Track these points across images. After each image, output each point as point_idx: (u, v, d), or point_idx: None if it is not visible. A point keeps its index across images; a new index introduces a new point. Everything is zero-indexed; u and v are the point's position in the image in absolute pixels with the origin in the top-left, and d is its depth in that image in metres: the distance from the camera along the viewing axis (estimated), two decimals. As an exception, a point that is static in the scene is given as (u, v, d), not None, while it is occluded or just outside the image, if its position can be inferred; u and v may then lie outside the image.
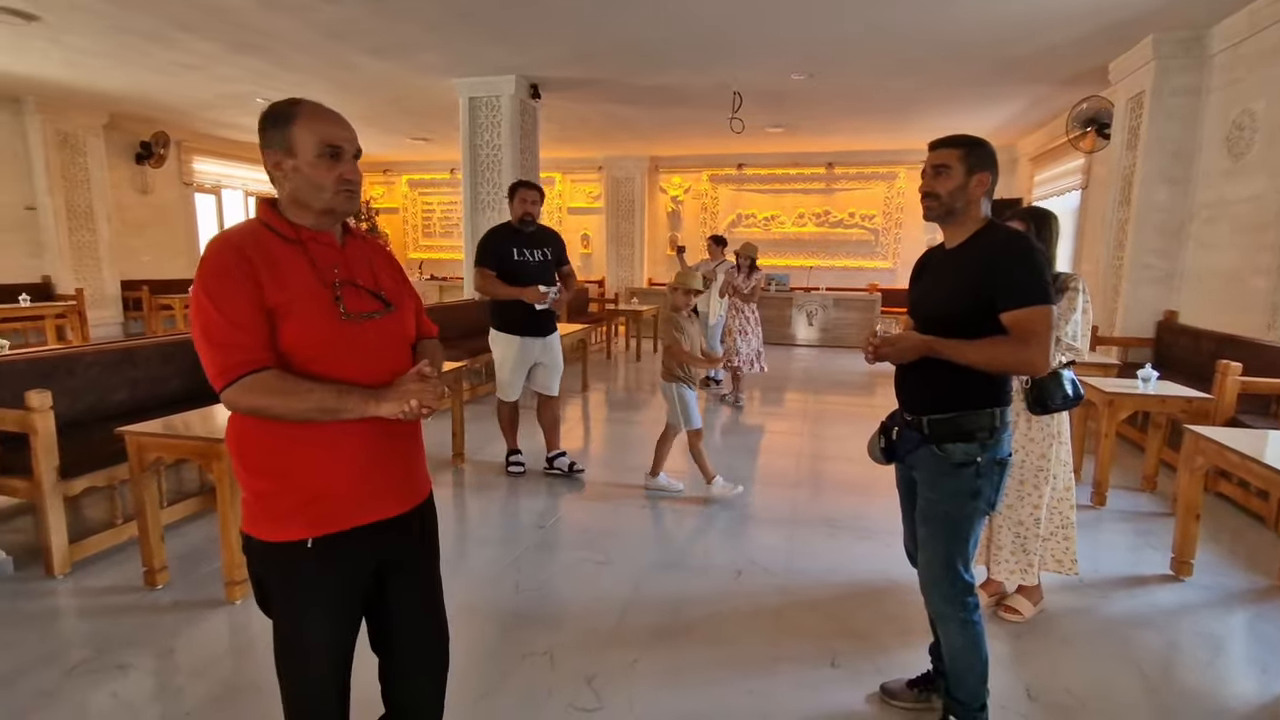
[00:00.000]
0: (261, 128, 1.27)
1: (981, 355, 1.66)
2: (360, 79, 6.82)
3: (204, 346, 1.19)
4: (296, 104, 1.27)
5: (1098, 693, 2.13)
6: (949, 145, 1.77)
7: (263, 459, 1.26)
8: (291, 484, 1.26)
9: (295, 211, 1.30)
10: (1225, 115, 4.74)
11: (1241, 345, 4.17)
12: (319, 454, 1.26)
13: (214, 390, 1.20)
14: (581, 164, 12.04)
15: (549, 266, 3.86)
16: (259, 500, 1.28)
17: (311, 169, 1.25)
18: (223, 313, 1.17)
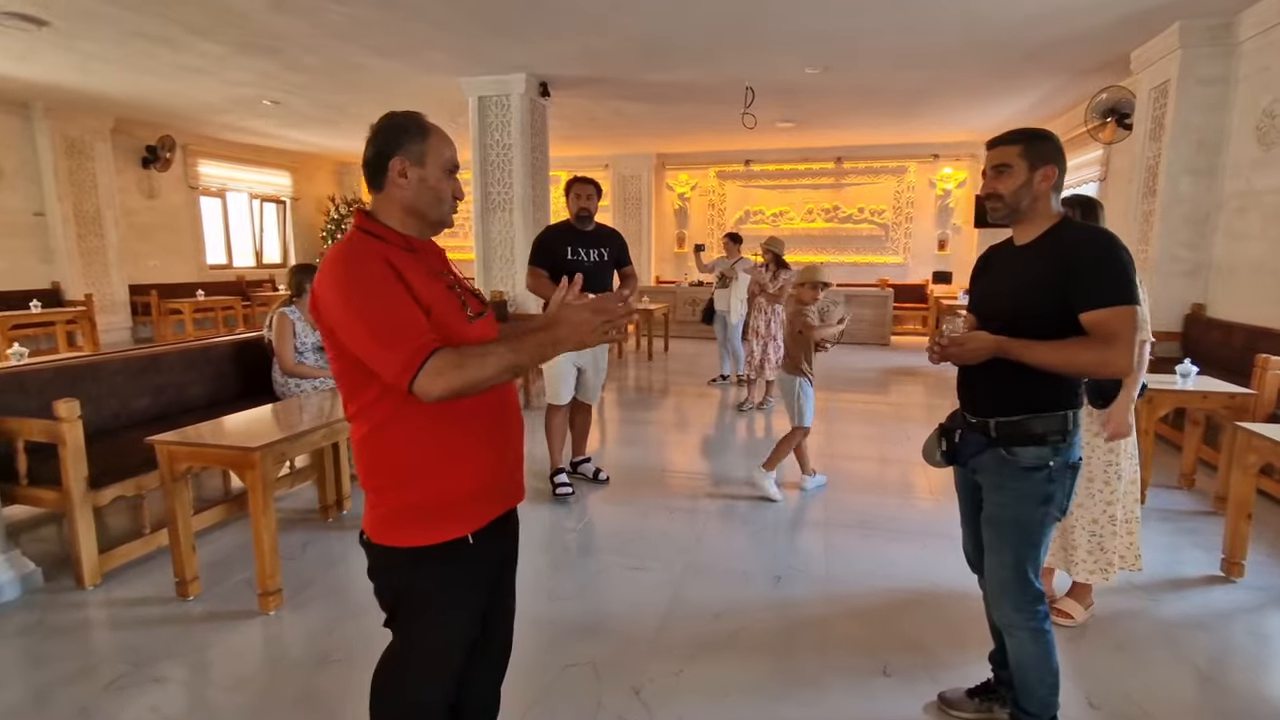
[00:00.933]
0: (391, 135, 1.30)
1: (1059, 357, 1.58)
2: (367, 79, 6.77)
3: (378, 349, 1.18)
4: (424, 118, 1.34)
5: (1159, 698, 2.07)
6: (1008, 142, 1.70)
7: (422, 465, 1.29)
8: (452, 484, 1.31)
9: (405, 221, 1.33)
10: (1255, 104, 4.66)
11: (1276, 338, 4.10)
12: (473, 449, 1.32)
13: (400, 385, 1.18)
14: (588, 162, 11.96)
15: (606, 267, 3.70)
16: (413, 509, 1.29)
17: (438, 182, 1.33)
18: (390, 311, 1.19)
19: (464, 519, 1.33)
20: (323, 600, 2.65)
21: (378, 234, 1.29)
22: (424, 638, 1.36)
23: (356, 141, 10.50)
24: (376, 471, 1.30)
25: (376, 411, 1.27)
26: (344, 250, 1.25)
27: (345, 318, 1.20)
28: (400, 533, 1.30)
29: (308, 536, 3.21)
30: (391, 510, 1.30)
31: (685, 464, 4.44)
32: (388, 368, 1.18)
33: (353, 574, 2.88)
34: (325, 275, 1.23)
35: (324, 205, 12.54)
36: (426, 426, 1.27)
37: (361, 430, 1.30)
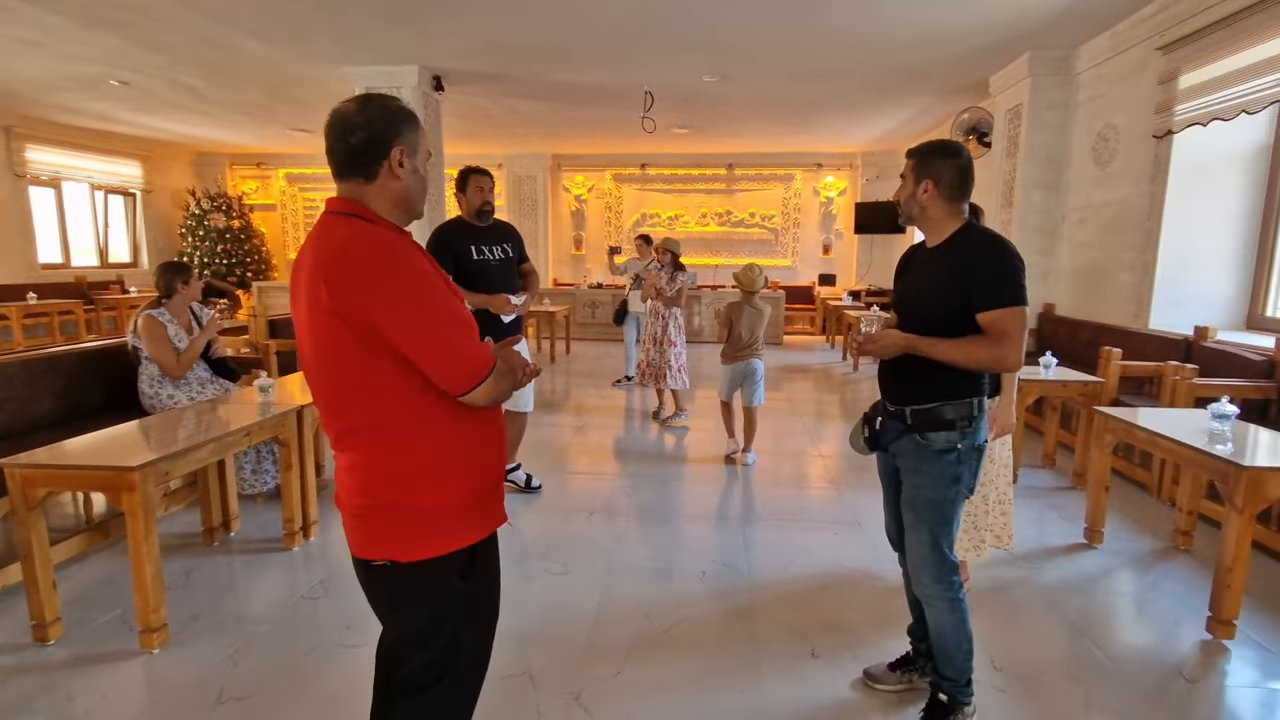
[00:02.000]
0: (393, 120, 1.22)
1: (958, 353, 1.74)
2: (238, 63, 6.21)
3: (446, 350, 1.16)
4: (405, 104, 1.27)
5: (1046, 655, 2.30)
6: (909, 155, 1.90)
7: (464, 461, 1.25)
8: (484, 472, 1.29)
9: (394, 213, 1.26)
10: (1091, 127, 5.32)
11: (1114, 333, 4.69)
12: (492, 436, 1.32)
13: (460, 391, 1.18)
14: (482, 161, 11.33)
15: (511, 265, 3.42)
16: (455, 508, 1.25)
17: (425, 172, 1.28)
18: (452, 309, 1.18)
19: (498, 505, 1.35)
20: (215, 633, 2.38)
21: (383, 225, 1.21)
22: (473, 640, 1.33)
23: (219, 129, 9.61)
24: (409, 480, 1.21)
25: (419, 409, 1.19)
26: (378, 241, 1.15)
27: (408, 315, 1.12)
28: (455, 535, 1.25)
29: (191, 564, 2.88)
30: (435, 514, 1.22)
31: (597, 466, 4.41)
32: (457, 370, 1.16)
33: (246, 601, 2.61)
34: (363, 269, 1.11)
35: (181, 199, 11.35)
36: (461, 419, 1.24)
37: (395, 435, 1.19)
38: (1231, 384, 3.50)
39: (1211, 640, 2.37)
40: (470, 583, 1.29)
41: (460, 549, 1.25)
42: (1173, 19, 4.36)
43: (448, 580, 1.25)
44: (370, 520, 1.22)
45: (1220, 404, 2.67)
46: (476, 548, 1.28)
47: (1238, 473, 2.26)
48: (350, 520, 1.25)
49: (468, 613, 1.30)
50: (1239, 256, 4.47)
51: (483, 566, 1.31)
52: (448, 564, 1.24)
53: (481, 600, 1.33)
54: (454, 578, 1.26)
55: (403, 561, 1.22)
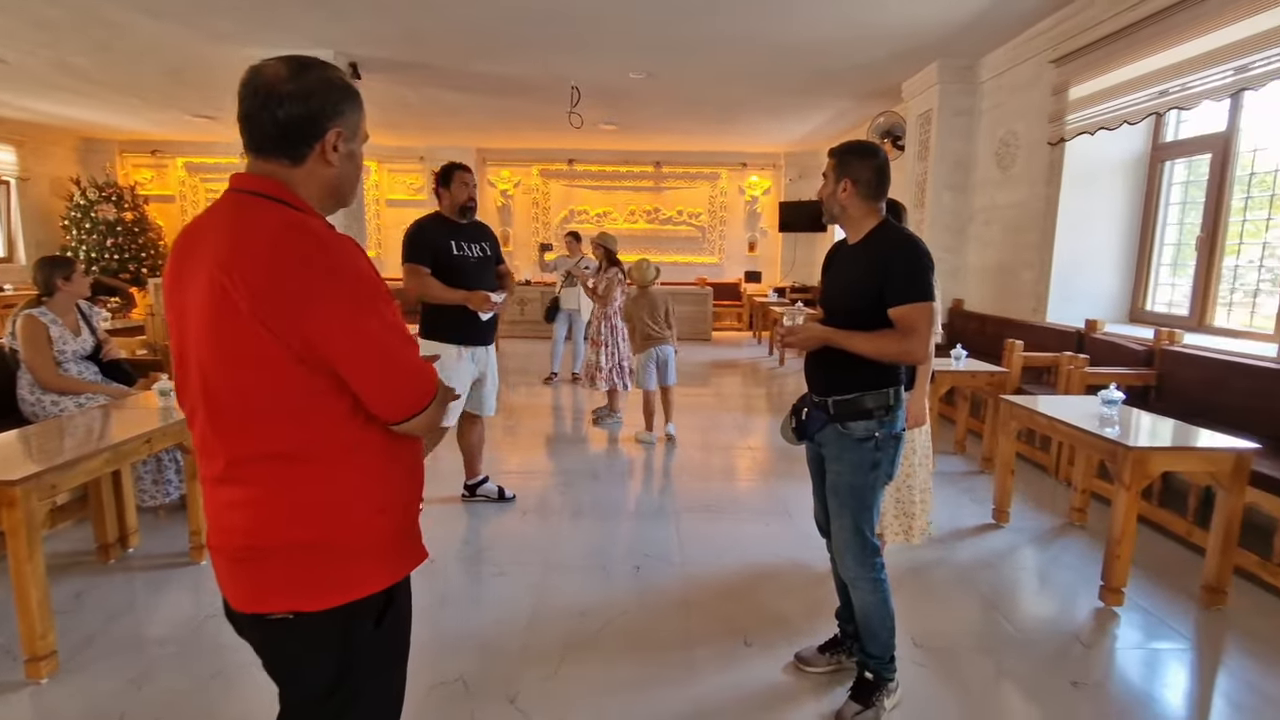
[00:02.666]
0: (333, 97, 1.05)
1: (870, 346, 1.83)
2: (130, 42, 5.72)
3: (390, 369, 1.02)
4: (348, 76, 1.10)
5: (966, 631, 2.44)
6: (830, 154, 1.97)
7: (385, 494, 1.10)
8: (408, 505, 1.15)
9: (320, 201, 1.08)
10: (994, 134, 5.66)
11: (1016, 327, 5.02)
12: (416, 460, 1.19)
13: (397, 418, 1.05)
14: (401, 153, 11.25)
15: (489, 264, 3.33)
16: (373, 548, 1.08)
17: (361, 158, 1.13)
18: (397, 321, 1.03)
19: (418, 546, 1.18)
20: (111, 658, 2.19)
21: (308, 213, 1.03)
22: (385, 690, 1.17)
23: (108, 113, 8.85)
24: (326, 516, 1.03)
25: (346, 434, 1.03)
26: (318, 237, 0.96)
27: (349, 331, 0.96)
28: (371, 575, 1.07)
29: (82, 584, 2.64)
30: (355, 552, 1.05)
31: (529, 465, 4.35)
32: (398, 396, 1.02)
33: (146, 622, 2.42)
34: (300, 272, 0.93)
35: (64, 188, 10.38)
36: (389, 446, 1.09)
37: (304, 470, 1.01)
38: (1117, 372, 3.81)
39: (1104, 607, 2.57)
40: (383, 628, 1.11)
41: (380, 590, 1.08)
42: (1063, 35, 4.70)
43: (361, 627, 1.08)
44: (266, 565, 1.02)
45: (1109, 391, 2.91)
46: (394, 588, 1.11)
47: (1124, 453, 2.46)
48: (232, 567, 1.04)
49: (379, 662, 1.13)
50: (1123, 255, 4.88)
51: (399, 609, 1.14)
52: (363, 609, 1.06)
53: (393, 644, 1.16)
54: (369, 623, 1.08)
55: (308, 611, 1.03)
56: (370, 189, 11.41)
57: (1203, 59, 3.58)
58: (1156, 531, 3.23)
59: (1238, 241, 4.06)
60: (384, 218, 11.71)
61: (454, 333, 3.20)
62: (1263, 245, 3.93)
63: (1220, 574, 2.53)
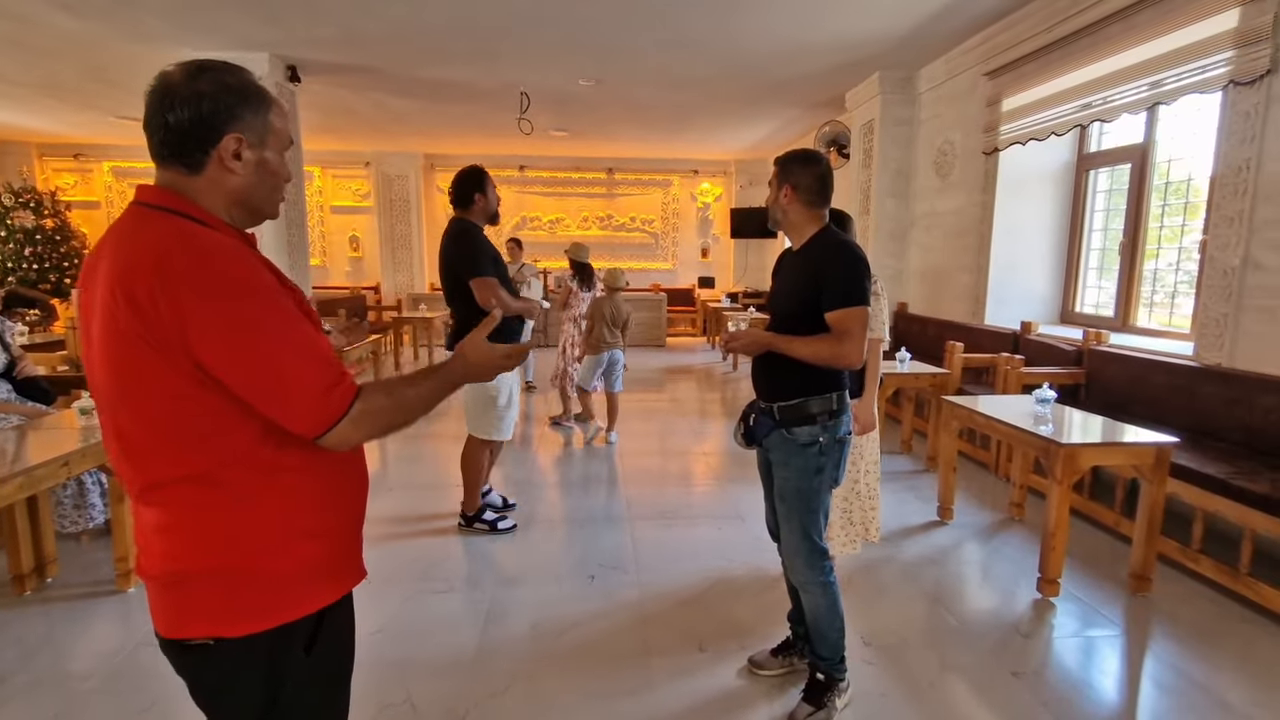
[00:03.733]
0: (228, 100, 0.98)
1: (808, 350, 1.87)
2: (44, 38, 5.41)
3: (298, 382, 0.94)
4: (259, 83, 1.04)
5: (914, 628, 2.50)
6: (775, 162, 2.02)
7: (308, 514, 1.04)
8: (341, 527, 1.09)
9: (231, 212, 1.03)
10: (932, 143, 5.87)
11: (956, 329, 5.20)
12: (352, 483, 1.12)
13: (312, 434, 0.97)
14: (345, 158, 10.98)
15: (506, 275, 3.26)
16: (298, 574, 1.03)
17: (278, 165, 1.06)
18: (304, 338, 0.96)
19: (358, 560, 1.14)
20: (31, 697, 2.05)
21: (212, 225, 0.97)
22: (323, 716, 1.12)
23: (23, 114, 8.38)
24: (244, 540, 0.98)
25: (262, 454, 0.97)
26: (203, 248, 0.91)
27: (236, 343, 0.90)
28: (297, 599, 1.02)
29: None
30: (279, 576, 1.01)
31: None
32: (301, 411, 0.94)
33: (68, 655, 2.27)
34: (184, 284, 0.88)
35: (-23, 193, 9.75)
36: (316, 463, 1.03)
37: (217, 495, 0.96)
38: (1050, 371, 3.98)
39: (1041, 598, 2.68)
40: (316, 652, 1.06)
41: (308, 615, 1.03)
42: (994, 49, 4.91)
43: (288, 653, 1.03)
44: (186, 590, 0.98)
45: (1042, 390, 3.03)
46: (326, 611, 1.06)
47: (1056, 449, 2.57)
48: (156, 591, 1.00)
49: (312, 687, 1.07)
50: (1054, 259, 5.11)
51: (333, 632, 1.08)
52: (290, 635, 1.02)
53: (327, 669, 1.10)
54: (297, 650, 1.03)
55: (228, 637, 0.98)
56: (313, 195, 11.08)
57: (1121, 74, 3.79)
58: (1088, 523, 3.38)
59: (1157, 246, 4.30)
60: (328, 224, 11.39)
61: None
62: (1179, 249, 4.17)
63: (1145, 562, 2.66)
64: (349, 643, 1.16)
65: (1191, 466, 2.79)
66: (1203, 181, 3.83)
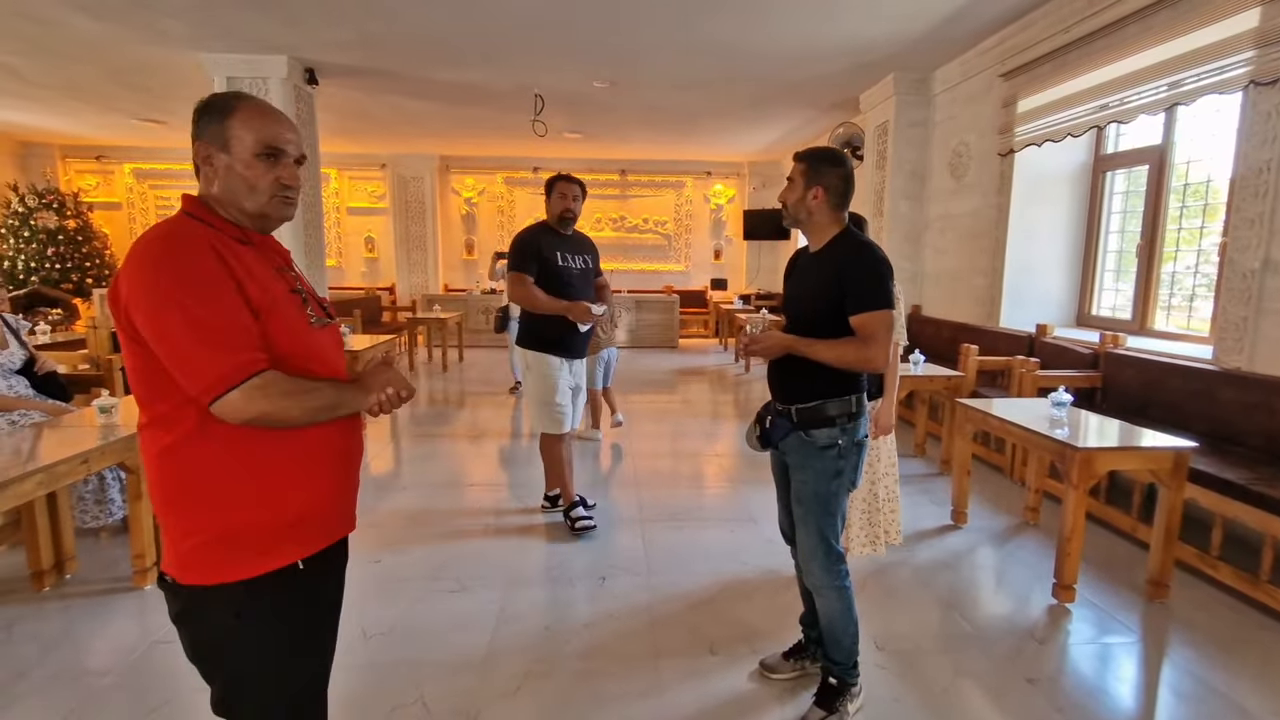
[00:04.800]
0: (195, 117, 1.18)
1: (832, 354, 1.85)
2: (66, 41, 5.50)
3: (194, 350, 1.05)
4: (238, 98, 1.19)
5: (927, 633, 2.48)
6: (798, 158, 1.97)
7: (239, 486, 1.13)
8: (276, 505, 1.16)
9: (228, 211, 1.20)
10: (948, 144, 5.83)
11: (971, 331, 5.16)
12: (301, 466, 1.19)
13: (204, 400, 1.07)
14: (362, 160, 11.08)
15: (590, 277, 3.32)
16: (234, 536, 1.14)
17: (246, 169, 1.16)
18: (216, 313, 1.06)
19: (293, 544, 1.19)
20: (48, 692, 2.08)
21: (205, 220, 1.16)
22: (275, 689, 1.21)
23: (47, 116, 8.52)
24: (185, 495, 1.12)
25: (186, 419, 1.10)
26: (162, 233, 1.10)
27: (152, 308, 1.05)
28: (221, 566, 1.13)
29: (12, 615, 2.50)
30: (207, 540, 1.12)
31: (491, 476, 4.29)
32: (198, 372, 1.05)
33: (85, 652, 2.30)
34: (135, 258, 1.07)
35: (1, 195, 9.94)
36: (251, 436, 1.12)
37: (162, 442, 1.12)
38: (1066, 375, 3.93)
39: (1057, 604, 2.64)
40: (250, 620, 1.16)
41: (231, 582, 1.13)
42: (1010, 50, 4.87)
43: (228, 610, 1.15)
44: (161, 529, 1.18)
45: (1058, 393, 3.00)
46: (256, 582, 1.15)
47: (1072, 453, 2.54)
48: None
49: (259, 652, 1.18)
50: (1070, 262, 5.05)
51: (271, 602, 1.17)
52: (220, 595, 1.14)
53: (275, 639, 1.19)
54: (229, 612, 1.15)
55: (179, 582, 1.14)
56: (330, 196, 11.19)
57: (1139, 75, 3.74)
58: (1104, 528, 3.34)
59: (1175, 248, 4.24)
60: (344, 225, 11.50)
61: (553, 344, 3.21)
62: (1198, 252, 4.12)
63: (1163, 568, 2.62)
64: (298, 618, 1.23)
65: (1210, 472, 2.75)
66: (1222, 183, 3.78)
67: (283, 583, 1.17)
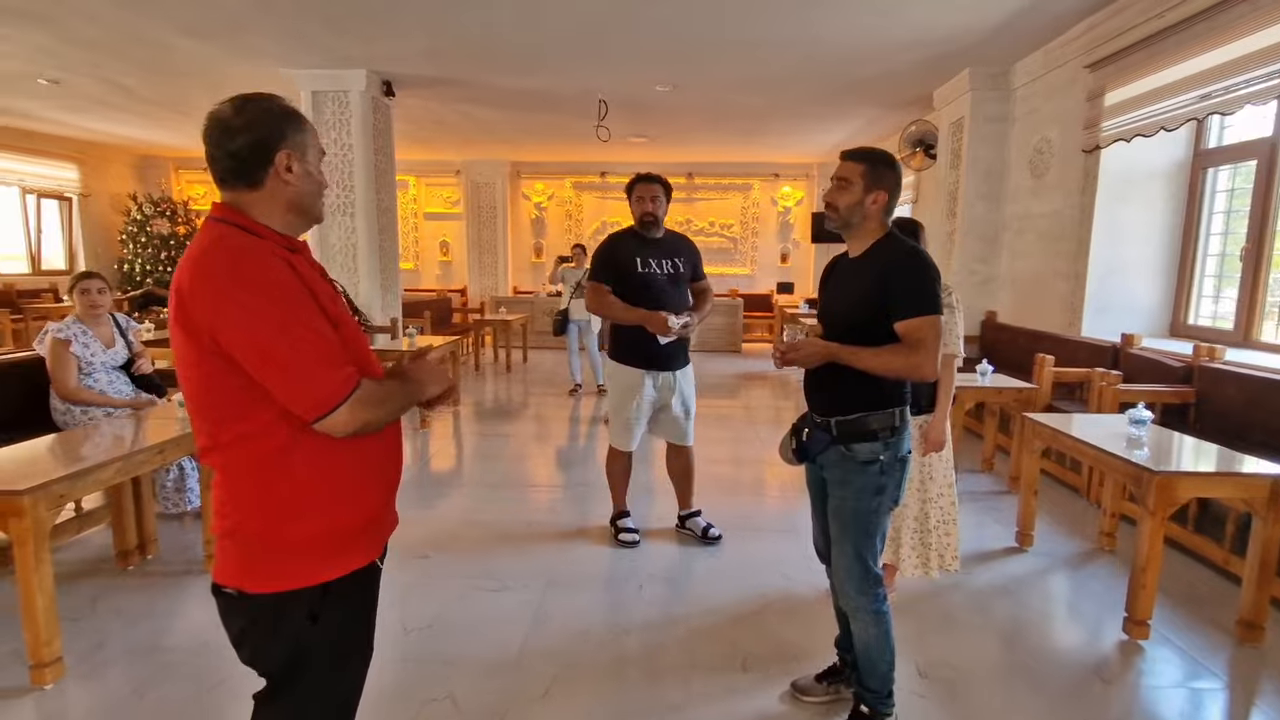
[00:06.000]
0: (274, 124, 1.16)
1: (878, 361, 1.75)
2: (171, 61, 5.98)
3: (300, 369, 1.06)
4: (291, 105, 1.21)
5: (977, 662, 2.33)
6: (854, 159, 1.86)
7: (326, 492, 1.16)
8: (354, 507, 1.20)
9: (287, 219, 1.20)
10: (1028, 141, 5.48)
11: (1049, 340, 4.82)
12: (372, 468, 1.23)
13: (310, 418, 1.08)
14: (438, 167, 11.51)
15: (681, 281, 3.11)
16: (315, 540, 1.16)
17: (318, 174, 1.22)
18: (310, 329, 1.08)
19: (368, 544, 1.24)
20: (122, 663, 2.26)
21: (255, 231, 1.13)
22: (334, 689, 1.24)
23: (160, 131, 9.29)
24: (271, 505, 1.13)
25: (277, 434, 1.11)
26: (232, 248, 1.08)
27: (249, 331, 1.04)
28: (302, 570, 1.15)
29: (98, 590, 2.74)
30: (287, 546, 1.14)
31: (545, 477, 4.36)
32: (303, 395, 1.06)
33: (162, 627, 2.49)
34: (212, 276, 1.05)
35: (122, 204, 10.94)
36: (334, 444, 1.14)
37: (251, 459, 1.12)
38: (1153, 389, 3.62)
39: (1128, 640, 2.43)
40: (323, 622, 1.18)
41: (311, 585, 1.16)
42: (1099, 39, 4.53)
43: (294, 618, 1.16)
44: (225, 543, 1.16)
45: (1137, 410, 2.76)
46: (333, 584, 1.18)
47: (1149, 477, 2.33)
48: (218, 541, 1.18)
49: (326, 654, 1.21)
50: (1164, 266, 4.65)
51: (342, 604, 1.20)
52: (296, 600, 1.15)
53: (341, 640, 1.22)
54: (302, 616, 1.16)
55: (249, 592, 1.14)
56: (408, 203, 11.71)
57: (1244, 61, 3.40)
58: (1192, 558, 3.04)
59: (1288, 252, 3.83)
60: (421, 230, 11.99)
61: (634, 355, 3.07)
62: (1316, 256, 3.70)
63: (1257, 608, 2.36)
64: (359, 626, 1.27)
65: (1318, 503, 2.45)
66: (1346, 179, 3.38)
67: (356, 582, 1.22)
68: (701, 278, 3.24)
